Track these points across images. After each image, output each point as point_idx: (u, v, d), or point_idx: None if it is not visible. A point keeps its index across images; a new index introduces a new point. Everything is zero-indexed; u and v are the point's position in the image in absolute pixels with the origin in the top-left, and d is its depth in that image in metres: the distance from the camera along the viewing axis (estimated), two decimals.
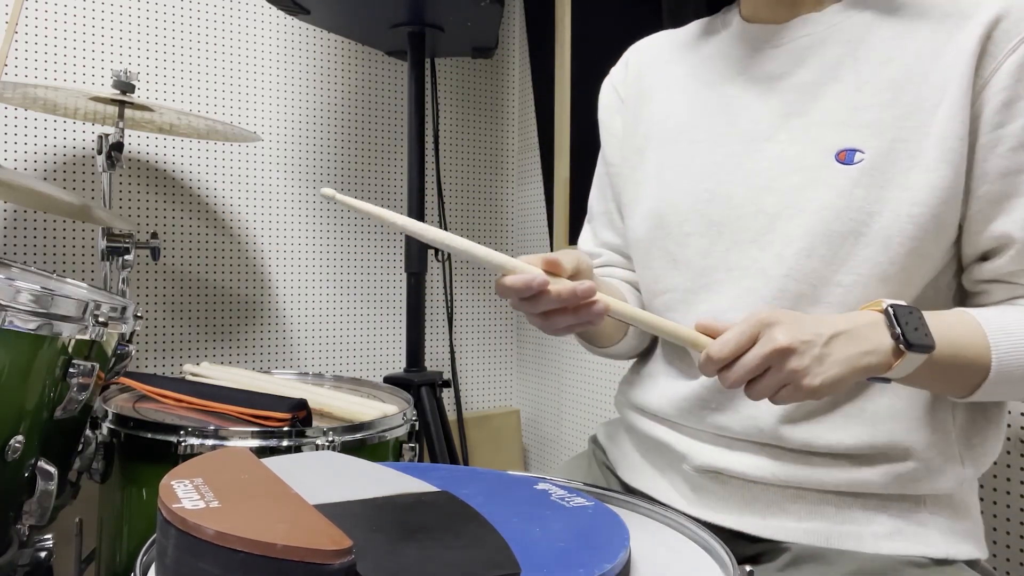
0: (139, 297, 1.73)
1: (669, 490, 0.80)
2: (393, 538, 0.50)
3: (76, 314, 0.89)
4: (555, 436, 2.06)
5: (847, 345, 0.61)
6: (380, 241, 2.01)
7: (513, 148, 2.21)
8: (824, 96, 0.72)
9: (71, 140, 1.67)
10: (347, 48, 1.96)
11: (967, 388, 0.67)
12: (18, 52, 1.61)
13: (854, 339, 0.62)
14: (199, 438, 0.96)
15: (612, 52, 0.98)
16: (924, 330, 0.63)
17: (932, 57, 0.67)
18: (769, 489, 0.73)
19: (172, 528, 0.45)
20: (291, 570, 0.42)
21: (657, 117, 0.86)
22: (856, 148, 0.69)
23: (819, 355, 0.60)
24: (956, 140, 0.66)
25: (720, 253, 0.76)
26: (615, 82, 0.94)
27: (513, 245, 2.22)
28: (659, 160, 0.84)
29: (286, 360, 1.90)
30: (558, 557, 0.50)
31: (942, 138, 0.66)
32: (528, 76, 2.15)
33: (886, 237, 0.67)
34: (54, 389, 0.90)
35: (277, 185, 1.88)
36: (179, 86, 1.77)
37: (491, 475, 0.70)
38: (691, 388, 0.78)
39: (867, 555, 0.68)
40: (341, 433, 1.01)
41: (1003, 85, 0.65)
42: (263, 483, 0.54)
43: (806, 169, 0.71)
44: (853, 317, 0.64)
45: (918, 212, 0.67)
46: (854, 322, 0.63)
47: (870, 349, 0.62)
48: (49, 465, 0.92)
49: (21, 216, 1.62)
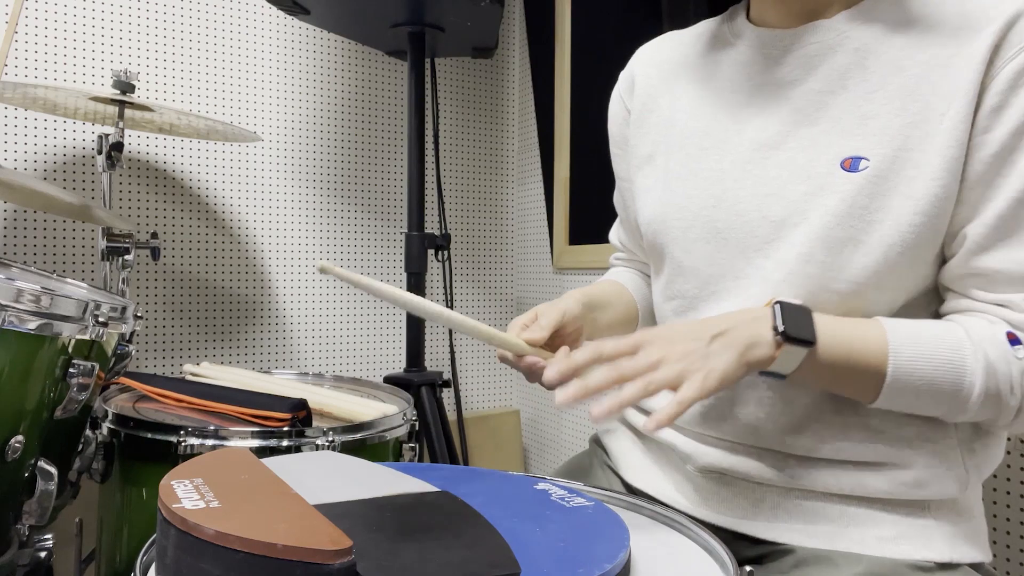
0: (139, 297, 1.73)
1: (672, 491, 0.80)
2: (393, 538, 0.50)
3: (76, 314, 0.89)
4: (555, 436, 2.06)
5: (730, 341, 0.64)
6: (380, 241, 2.01)
7: (513, 148, 2.21)
8: (833, 105, 0.72)
9: (71, 140, 1.67)
10: (347, 48, 1.96)
11: (868, 392, 0.67)
12: (18, 52, 1.61)
13: (736, 335, 0.64)
14: (199, 438, 0.96)
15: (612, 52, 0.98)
16: (807, 326, 0.65)
17: (942, 68, 0.67)
18: (773, 491, 0.73)
19: (172, 528, 0.45)
20: (291, 570, 0.42)
21: (664, 125, 0.85)
22: (862, 156, 0.68)
23: (704, 354, 0.63)
24: (958, 148, 0.66)
25: (726, 260, 0.76)
26: (621, 93, 0.93)
27: (513, 245, 2.22)
28: (666, 166, 0.83)
29: (286, 360, 1.90)
30: (558, 557, 0.50)
31: (946, 146, 0.66)
32: (528, 76, 2.15)
33: (887, 246, 0.67)
34: (54, 389, 0.90)
35: (277, 185, 1.88)
36: (179, 86, 1.77)
37: (491, 475, 0.70)
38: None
39: (871, 558, 0.68)
40: (341, 433, 1.01)
41: (997, 91, 0.65)
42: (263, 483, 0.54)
43: (813, 177, 0.71)
44: (734, 315, 0.67)
45: (920, 221, 0.66)
46: (735, 320, 0.66)
47: (753, 342, 0.64)
48: (49, 465, 0.92)
49: (21, 216, 1.62)
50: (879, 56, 0.71)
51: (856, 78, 0.71)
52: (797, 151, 0.73)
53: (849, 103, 0.71)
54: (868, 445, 0.69)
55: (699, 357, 0.63)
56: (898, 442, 0.69)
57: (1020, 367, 0.65)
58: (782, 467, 0.72)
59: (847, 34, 0.73)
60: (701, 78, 0.84)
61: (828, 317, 0.67)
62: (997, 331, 0.66)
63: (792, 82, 0.75)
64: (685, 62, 0.87)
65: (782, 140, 0.74)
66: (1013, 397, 0.65)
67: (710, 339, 0.64)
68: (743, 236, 0.74)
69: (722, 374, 0.63)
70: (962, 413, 0.67)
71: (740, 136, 0.77)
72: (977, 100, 0.66)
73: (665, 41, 0.92)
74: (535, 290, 2.14)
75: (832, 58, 0.73)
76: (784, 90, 0.76)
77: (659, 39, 0.93)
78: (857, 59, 0.72)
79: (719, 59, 0.83)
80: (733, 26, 0.84)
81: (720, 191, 0.77)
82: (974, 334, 0.66)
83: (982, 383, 0.65)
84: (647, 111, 0.88)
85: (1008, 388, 0.65)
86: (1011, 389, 0.65)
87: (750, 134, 0.77)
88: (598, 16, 1.86)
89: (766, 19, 0.80)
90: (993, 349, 0.65)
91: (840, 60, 0.72)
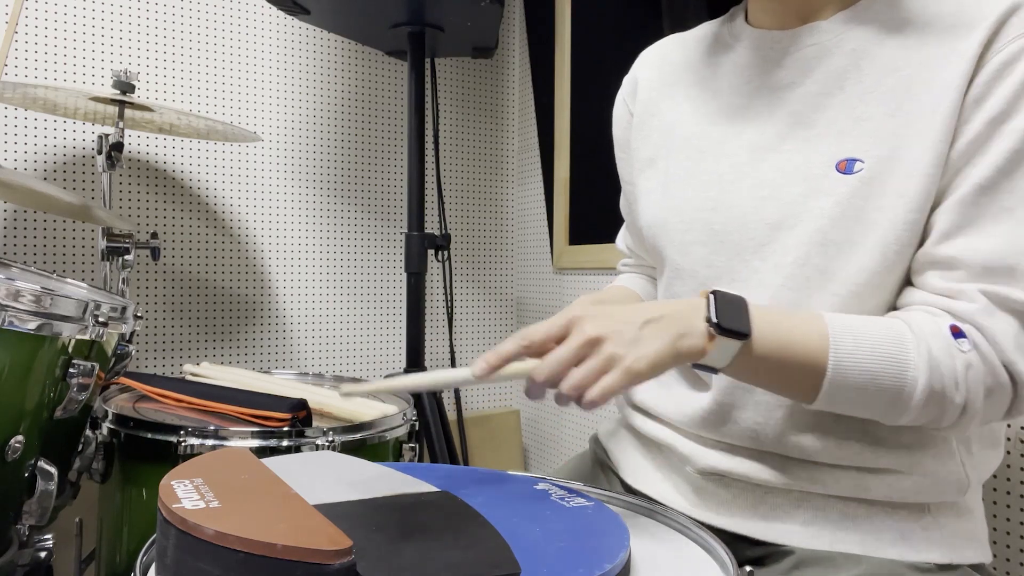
0: (139, 297, 1.73)
1: (672, 492, 0.79)
2: (393, 538, 0.50)
3: (76, 314, 0.89)
4: (555, 436, 2.06)
5: (661, 328, 0.62)
6: (380, 241, 2.01)
7: (513, 148, 2.21)
8: (829, 107, 0.72)
9: (71, 140, 1.67)
10: (347, 48, 1.96)
11: (807, 389, 0.65)
12: (18, 52, 1.61)
13: (669, 323, 0.62)
14: (199, 438, 0.96)
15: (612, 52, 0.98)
16: (741, 317, 0.63)
17: (937, 66, 0.67)
18: (773, 492, 0.73)
19: (172, 528, 0.45)
20: (291, 570, 0.42)
21: (665, 128, 0.86)
22: (856, 158, 0.68)
23: (634, 338, 0.61)
24: (944, 143, 0.66)
25: (723, 263, 0.76)
26: (625, 96, 0.93)
27: (513, 245, 2.22)
28: (666, 170, 0.84)
29: (286, 360, 1.90)
30: (558, 557, 0.50)
31: (936, 141, 0.66)
32: (528, 76, 2.15)
33: (884, 245, 0.67)
34: (54, 389, 0.90)
35: (277, 185, 1.88)
36: (179, 86, 1.77)
37: (491, 475, 0.70)
38: (693, 396, 0.77)
39: (871, 559, 0.68)
40: (341, 433, 1.01)
41: (981, 82, 0.65)
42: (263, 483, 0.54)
43: (808, 179, 0.71)
44: (670, 303, 0.65)
45: (914, 219, 0.66)
46: (671, 308, 0.64)
47: (685, 332, 0.62)
48: (49, 465, 0.92)
49: (21, 216, 1.62)
50: (874, 57, 0.70)
51: (852, 80, 0.71)
52: (793, 154, 0.73)
53: (844, 105, 0.71)
54: (867, 452, 0.69)
55: (629, 341, 0.61)
56: (897, 449, 0.69)
57: (964, 360, 0.63)
58: (782, 469, 0.72)
59: (843, 35, 0.73)
60: (701, 81, 0.84)
61: (765, 309, 0.65)
62: (940, 324, 0.64)
63: (789, 85, 0.75)
64: (686, 65, 0.87)
65: (779, 143, 0.74)
66: (958, 393, 0.63)
67: (642, 324, 0.62)
68: (739, 239, 0.74)
69: (651, 360, 0.60)
70: (906, 412, 0.64)
71: (738, 139, 0.77)
72: (965, 93, 0.65)
73: (667, 44, 0.92)
74: (535, 290, 2.14)
75: (828, 60, 0.73)
76: (782, 93, 0.76)
77: (661, 42, 0.94)
78: (853, 60, 0.72)
79: (719, 62, 0.83)
80: (732, 28, 0.84)
81: (717, 194, 0.77)
82: (916, 327, 0.64)
83: (926, 378, 0.62)
84: (649, 115, 0.88)
85: (953, 383, 0.62)
86: (956, 384, 0.62)
87: (748, 137, 0.77)
88: (598, 16, 1.86)
89: (763, 21, 0.80)
90: (936, 342, 0.63)
91: (836, 62, 0.72)
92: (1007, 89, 0.64)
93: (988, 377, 0.63)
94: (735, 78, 0.80)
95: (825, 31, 0.74)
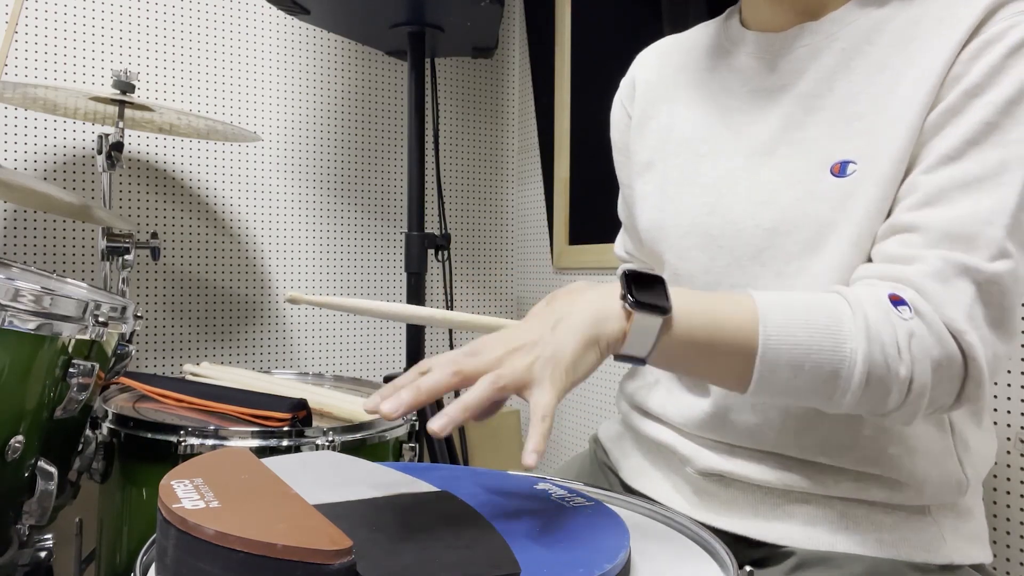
0: (139, 297, 1.73)
1: (672, 493, 0.79)
2: (393, 538, 0.50)
3: (76, 314, 0.89)
4: (555, 436, 2.06)
5: (573, 323, 0.57)
6: (380, 241, 2.01)
7: (513, 148, 2.21)
8: (821, 108, 0.71)
9: (71, 140, 1.67)
10: (347, 48, 1.96)
11: (740, 372, 0.61)
12: (18, 52, 1.61)
13: (579, 316, 0.58)
14: (199, 438, 0.96)
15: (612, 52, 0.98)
16: (659, 292, 0.59)
17: (927, 61, 0.67)
18: (773, 493, 0.72)
19: (172, 528, 0.45)
20: (291, 570, 0.42)
21: (663, 131, 0.85)
22: (849, 159, 0.68)
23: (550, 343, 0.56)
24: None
25: (721, 269, 0.75)
26: (623, 99, 0.93)
27: (513, 245, 2.22)
28: (664, 173, 0.83)
29: (286, 360, 1.90)
30: (558, 557, 0.50)
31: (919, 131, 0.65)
32: (528, 76, 2.15)
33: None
34: (54, 389, 0.90)
35: (277, 185, 1.88)
36: (179, 86, 1.77)
37: (491, 475, 0.70)
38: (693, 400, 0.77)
39: (872, 560, 0.67)
40: (341, 433, 1.01)
41: (961, 61, 0.64)
42: (263, 483, 0.54)
43: (803, 183, 0.70)
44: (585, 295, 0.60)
45: None
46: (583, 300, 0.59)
47: (600, 318, 0.58)
48: (49, 465, 0.92)
49: (21, 216, 1.62)
50: (866, 56, 0.70)
51: (842, 79, 0.71)
52: (788, 158, 0.72)
53: (836, 106, 0.70)
54: (866, 456, 0.69)
55: (544, 348, 0.55)
56: (896, 453, 0.69)
57: (907, 329, 0.59)
58: (782, 470, 0.72)
59: (835, 35, 0.72)
60: (699, 83, 0.84)
61: (687, 289, 0.62)
62: (879, 292, 0.61)
63: (784, 87, 0.75)
64: (684, 67, 0.87)
65: (775, 146, 0.74)
66: (902, 364, 0.59)
67: (553, 326, 0.57)
68: (737, 244, 0.74)
69: (569, 362, 0.55)
70: (848, 390, 0.59)
71: (736, 143, 0.77)
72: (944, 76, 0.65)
73: (665, 45, 0.92)
74: (535, 290, 2.14)
75: (819, 60, 0.72)
76: (777, 95, 0.75)
77: (659, 43, 0.93)
78: (843, 60, 0.71)
79: (716, 64, 0.83)
80: (729, 29, 0.83)
81: (714, 199, 0.76)
82: (852, 297, 0.61)
83: (865, 348, 0.58)
84: (647, 117, 0.88)
85: (895, 352, 0.59)
86: (898, 353, 0.59)
87: (745, 141, 0.76)
88: (598, 16, 1.86)
89: (757, 21, 0.79)
90: (874, 310, 0.59)
91: (827, 62, 0.72)
92: (984, 64, 0.63)
93: (935, 348, 0.59)
94: (732, 81, 0.80)
95: (816, 31, 0.74)
